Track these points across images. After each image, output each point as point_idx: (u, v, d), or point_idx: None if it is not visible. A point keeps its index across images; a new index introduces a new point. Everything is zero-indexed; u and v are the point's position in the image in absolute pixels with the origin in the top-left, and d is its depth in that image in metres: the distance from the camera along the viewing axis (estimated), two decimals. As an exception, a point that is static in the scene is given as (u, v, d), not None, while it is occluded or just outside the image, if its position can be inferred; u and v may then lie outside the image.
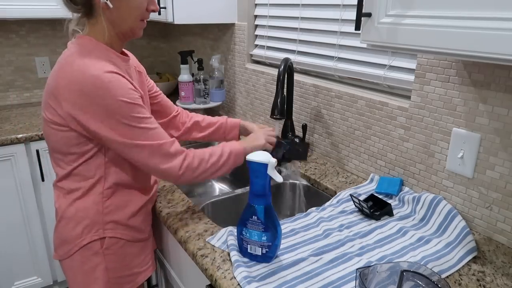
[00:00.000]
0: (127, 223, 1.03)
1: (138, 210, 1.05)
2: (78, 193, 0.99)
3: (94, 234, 1.00)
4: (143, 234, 1.09)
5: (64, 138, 0.93)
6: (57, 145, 0.95)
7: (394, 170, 1.23)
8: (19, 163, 1.76)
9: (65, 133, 0.92)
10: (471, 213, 1.03)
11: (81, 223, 0.99)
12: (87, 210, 0.99)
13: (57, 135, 0.93)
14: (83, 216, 0.99)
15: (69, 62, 0.89)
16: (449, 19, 0.69)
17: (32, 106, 2.23)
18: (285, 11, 1.63)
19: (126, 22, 0.94)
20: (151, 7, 0.97)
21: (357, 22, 0.82)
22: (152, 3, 0.97)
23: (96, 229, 1.00)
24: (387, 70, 1.26)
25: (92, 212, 0.99)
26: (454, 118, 1.03)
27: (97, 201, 0.99)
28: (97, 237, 1.00)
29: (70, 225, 1.00)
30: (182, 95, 1.91)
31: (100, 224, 1.00)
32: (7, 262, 1.85)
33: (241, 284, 0.80)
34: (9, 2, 1.83)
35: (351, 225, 1.03)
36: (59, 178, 1.00)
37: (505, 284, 0.84)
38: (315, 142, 1.52)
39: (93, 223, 0.99)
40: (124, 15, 0.93)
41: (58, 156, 0.98)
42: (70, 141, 0.93)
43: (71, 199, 0.99)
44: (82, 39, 0.94)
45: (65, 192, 1.00)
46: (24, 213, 1.83)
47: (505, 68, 0.91)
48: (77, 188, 0.99)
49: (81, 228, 0.99)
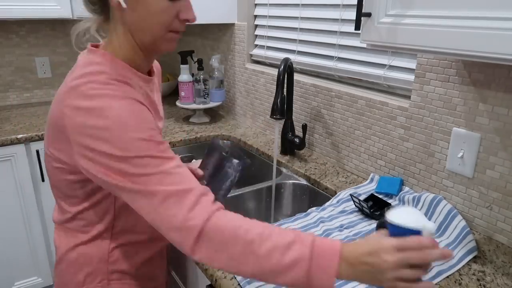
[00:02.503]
0: (135, 274, 0.88)
1: (148, 259, 0.89)
2: (83, 238, 0.83)
3: (98, 284, 0.85)
4: (155, 281, 0.93)
5: (67, 180, 0.77)
6: (59, 185, 0.80)
7: (394, 170, 1.23)
8: (19, 163, 1.76)
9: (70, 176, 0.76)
10: (471, 212, 1.03)
11: (83, 270, 0.84)
12: (90, 257, 0.84)
13: (60, 176, 0.77)
14: (85, 262, 0.84)
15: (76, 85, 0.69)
16: (449, 19, 0.69)
17: (32, 106, 2.23)
18: (285, 11, 1.63)
19: (147, 30, 0.74)
20: (184, 15, 0.74)
21: (357, 22, 0.82)
22: (185, 10, 0.74)
23: (99, 279, 0.85)
24: (387, 70, 1.26)
25: (95, 260, 0.84)
26: (454, 118, 1.03)
27: (102, 246, 0.84)
28: (100, 287, 0.85)
29: (71, 270, 0.85)
30: (182, 95, 1.91)
31: (105, 273, 0.85)
32: (7, 263, 1.85)
33: (241, 284, 0.80)
34: (9, 2, 1.83)
35: (351, 225, 1.03)
36: (63, 220, 0.84)
37: (505, 283, 0.84)
38: (315, 142, 1.52)
39: (96, 271, 0.84)
40: (143, 21, 0.73)
41: (60, 195, 0.82)
42: (74, 185, 0.77)
43: (73, 243, 0.84)
44: (94, 54, 0.76)
45: (66, 234, 0.85)
46: (24, 213, 1.82)
47: (505, 67, 0.91)
48: (81, 231, 0.83)
49: (83, 276, 0.84)
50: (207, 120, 1.97)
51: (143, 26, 0.74)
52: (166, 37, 0.76)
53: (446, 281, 0.84)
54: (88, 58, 0.75)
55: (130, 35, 0.76)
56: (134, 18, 0.74)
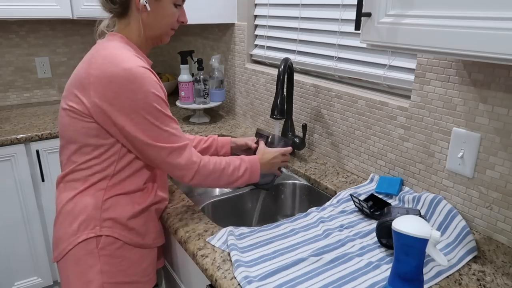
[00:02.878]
0: (126, 223, 0.99)
1: (139, 212, 1.02)
2: (81, 187, 0.97)
3: (91, 231, 0.96)
4: (143, 239, 1.04)
5: (84, 128, 0.93)
6: (74, 134, 0.95)
7: (394, 170, 1.23)
8: (19, 163, 1.76)
9: (86, 124, 0.93)
10: (471, 212, 1.03)
11: (78, 219, 0.96)
12: (85, 205, 0.96)
13: (77, 124, 0.93)
14: (81, 211, 0.96)
15: (102, 54, 0.91)
16: (449, 19, 0.69)
17: (32, 106, 2.23)
18: (285, 11, 1.63)
19: (159, 27, 0.99)
20: (181, 18, 1.03)
21: (357, 22, 0.82)
22: (183, 15, 1.04)
23: (92, 225, 0.96)
24: (387, 70, 1.26)
25: (90, 207, 0.96)
26: (454, 118, 1.03)
27: (97, 195, 0.97)
28: (93, 234, 0.96)
29: (66, 221, 0.97)
30: (182, 95, 1.91)
31: (97, 220, 0.96)
32: (7, 263, 1.85)
33: (241, 284, 0.80)
34: (9, 2, 1.83)
35: (351, 225, 1.03)
36: (67, 172, 0.99)
37: (505, 283, 0.84)
38: (315, 142, 1.52)
39: (90, 218, 0.96)
40: (158, 20, 0.98)
41: (72, 147, 0.96)
42: (89, 131, 0.93)
43: (73, 193, 0.97)
44: (114, 36, 0.98)
45: (68, 186, 0.99)
46: (24, 213, 1.83)
47: (505, 67, 0.91)
48: (82, 180, 0.97)
49: (77, 224, 0.96)
50: (207, 120, 1.97)
51: (156, 24, 0.99)
52: (169, 33, 1.03)
53: (446, 281, 0.84)
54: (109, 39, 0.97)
55: (143, 29, 0.98)
56: (151, 18, 0.97)
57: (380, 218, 0.93)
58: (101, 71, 0.89)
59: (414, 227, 0.63)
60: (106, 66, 0.89)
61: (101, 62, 0.90)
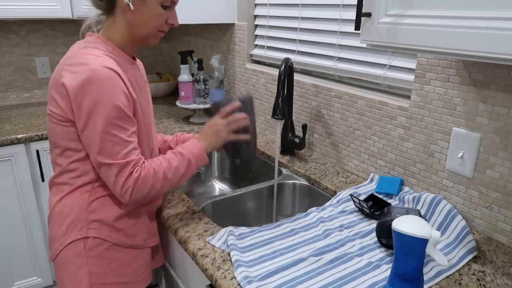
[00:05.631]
0: (112, 224, 0.99)
1: (127, 213, 1.01)
2: (68, 189, 0.98)
3: (78, 232, 0.97)
4: (133, 240, 1.03)
5: (64, 132, 0.93)
6: (57, 138, 0.95)
7: (394, 170, 1.23)
8: (19, 163, 1.76)
9: (66, 128, 0.92)
10: (471, 212, 1.03)
11: (66, 220, 0.97)
12: (72, 207, 0.97)
13: (58, 128, 0.94)
14: (68, 212, 0.97)
15: (74, 55, 0.91)
16: (449, 19, 0.69)
17: (32, 106, 2.23)
18: (285, 11, 1.63)
19: (144, 28, 0.95)
20: (171, 21, 0.97)
21: (357, 22, 0.82)
22: (172, 17, 0.98)
23: (79, 227, 0.97)
24: (387, 70, 1.26)
25: (76, 208, 0.97)
26: (454, 118, 1.03)
27: (83, 197, 0.97)
28: (80, 236, 0.96)
29: (57, 222, 0.99)
30: (182, 95, 1.91)
31: (84, 222, 0.97)
32: (7, 263, 1.85)
33: (241, 284, 0.80)
34: (9, 2, 1.83)
35: (351, 225, 1.03)
36: (55, 174, 1.00)
37: (505, 283, 0.84)
38: (315, 142, 1.52)
39: (77, 220, 0.97)
40: (143, 21, 0.94)
41: (57, 151, 0.97)
42: (69, 135, 0.93)
43: (60, 195, 0.98)
44: (90, 36, 0.97)
45: (57, 188, 1.00)
46: (24, 213, 1.82)
47: (505, 67, 0.91)
48: (68, 183, 0.98)
49: (66, 225, 0.97)
50: (207, 120, 1.97)
51: (141, 25, 0.95)
52: (156, 35, 0.98)
53: (446, 281, 0.84)
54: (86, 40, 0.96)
55: (127, 29, 0.95)
56: (136, 17, 0.93)
57: (380, 218, 0.93)
58: (71, 72, 0.88)
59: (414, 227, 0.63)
60: (75, 67, 0.88)
61: (71, 63, 0.89)
